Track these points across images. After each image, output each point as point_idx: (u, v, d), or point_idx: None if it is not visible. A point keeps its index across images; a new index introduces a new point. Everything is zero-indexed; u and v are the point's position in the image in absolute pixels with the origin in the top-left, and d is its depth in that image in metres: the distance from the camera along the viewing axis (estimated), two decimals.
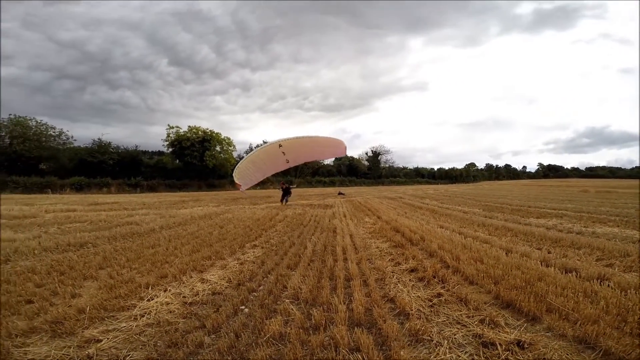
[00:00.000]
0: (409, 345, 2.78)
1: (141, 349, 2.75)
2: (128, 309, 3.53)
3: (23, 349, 2.69)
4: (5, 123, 32.51)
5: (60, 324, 3.10)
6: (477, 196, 21.90)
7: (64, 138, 36.49)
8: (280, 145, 15.29)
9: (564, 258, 5.25)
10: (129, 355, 2.64)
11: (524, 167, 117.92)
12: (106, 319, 3.29)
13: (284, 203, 17.90)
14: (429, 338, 2.89)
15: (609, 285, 3.90)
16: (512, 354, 2.58)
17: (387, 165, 66.09)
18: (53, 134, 35.56)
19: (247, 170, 15.89)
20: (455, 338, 2.88)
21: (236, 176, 15.76)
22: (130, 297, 3.79)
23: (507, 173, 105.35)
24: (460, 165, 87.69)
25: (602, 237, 7.04)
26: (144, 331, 3.06)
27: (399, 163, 71.81)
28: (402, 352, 2.56)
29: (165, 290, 4.10)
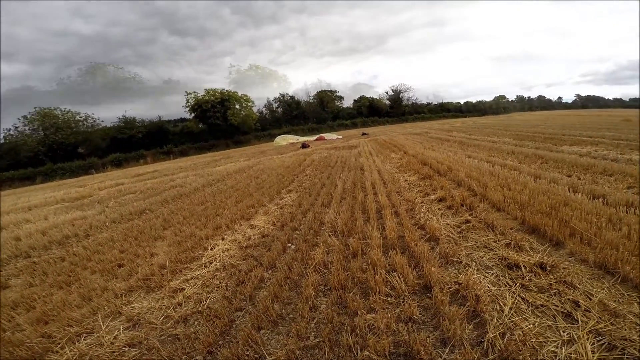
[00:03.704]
0: (440, 266, 3.13)
1: (216, 290, 3.29)
2: (197, 259, 4.16)
3: (130, 305, 3.17)
4: (33, 116, 34.39)
5: (149, 280, 3.65)
6: (508, 126, 20.70)
7: (91, 121, 38.59)
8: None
9: (593, 185, 5.11)
10: (208, 297, 3.17)
11: (560, 97, 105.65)
12: (183, 270, 3.87)
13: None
14: (458, 260, 3.21)
15: (635, 212, 3.79)
16: (534, 275, 2.77)
17: (409, 103, 63.01)
18: (79, 119, 37.59)
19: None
20: (482, 260, 3.16)
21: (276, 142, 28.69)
22: (196, 249, 4.45)
23: (541, 104, 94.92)
24: (488, 98, 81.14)
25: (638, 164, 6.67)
26: (215, 275, 3.63)
27: (422, 100, 68.29)
28: (432, 269, 2.92)
29: (222, 239, 4.76)
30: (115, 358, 2.44)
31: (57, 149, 33.97)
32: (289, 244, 4.22)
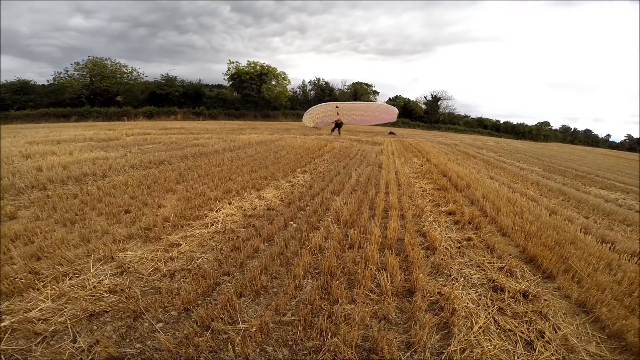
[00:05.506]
0: (428, 274, 3.10)
1: (211, 251, 3.34)
2: (201, 218, 4.23)
3: (124, 252, 3.18)
4: (86, 64, 36.77)
5: (150, 231, 3.70)
6: (541, 155, 19.65)
7: (136, 75, 40.69)
8: (337, 107, 21.21)
9: (607, 230, 4.93)
10: (201, 257, 3.22)
11: (608, 135, 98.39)
12: (185, 226, 3.93)
13: (332, 133, 19.94)
14: (448, 273, 3.18)
15: (637, 262, 3.74)
16: (515, 301, 2.78)
17: (446, 112, 60.58)
18: (126, 71, 39.73)
19: (313, 114, 23.03)
20: (471, 278, 3.12)
21: (305, 118, 23.21)
22: (202, 208, 4.53)
23: (586, 139, 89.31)
24: (531, 122, 76.34)
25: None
26: (213, 237, 3.68)
27: (461, 111, 65.22)
28: (421, 275, 2.90)
29: (229, 204, 4.83)
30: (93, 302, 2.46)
31: (98, 94, 36.00)
32: (291, 222, 4.24)
